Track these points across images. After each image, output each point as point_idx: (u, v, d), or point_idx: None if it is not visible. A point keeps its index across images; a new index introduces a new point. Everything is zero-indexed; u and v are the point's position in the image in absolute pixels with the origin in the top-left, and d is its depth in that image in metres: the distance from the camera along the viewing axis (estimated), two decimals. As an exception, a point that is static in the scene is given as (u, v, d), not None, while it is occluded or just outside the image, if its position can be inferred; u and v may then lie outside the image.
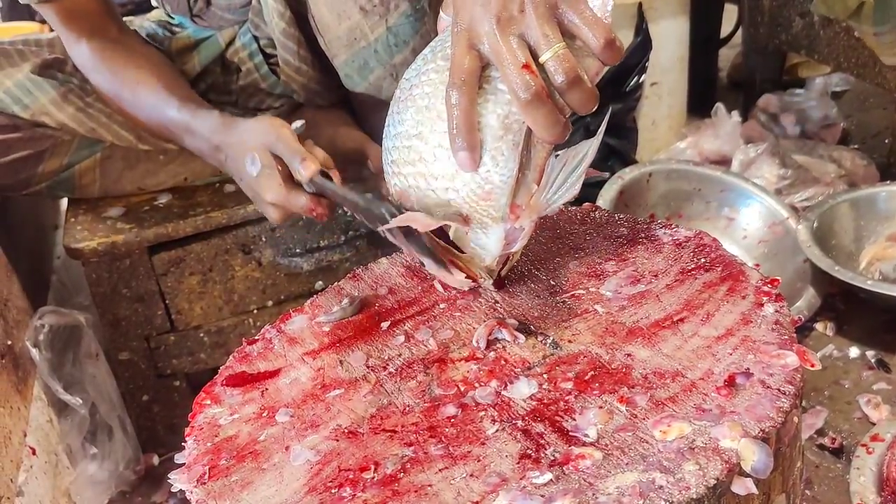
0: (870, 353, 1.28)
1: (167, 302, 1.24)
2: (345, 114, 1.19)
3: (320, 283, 1.27)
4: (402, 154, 0.72)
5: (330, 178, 0.89)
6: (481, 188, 0.68)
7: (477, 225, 0.70)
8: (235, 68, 1.24)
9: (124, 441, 1.27)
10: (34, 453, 1.08)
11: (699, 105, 2.05)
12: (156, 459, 1.30)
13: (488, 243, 0.71)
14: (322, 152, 0.92)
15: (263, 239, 1.24)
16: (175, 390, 1.29)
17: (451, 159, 0.68)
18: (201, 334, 1.26)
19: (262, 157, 0.91)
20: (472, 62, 0.65)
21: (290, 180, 0.90)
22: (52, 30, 2.32)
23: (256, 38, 1.22)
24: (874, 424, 1.12)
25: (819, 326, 1.36)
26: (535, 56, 0.64)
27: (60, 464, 1.18)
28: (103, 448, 1.26)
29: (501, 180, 0.67)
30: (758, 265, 1.49)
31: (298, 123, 1.20)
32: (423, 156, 0.70)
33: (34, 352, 1.17)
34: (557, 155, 0.69)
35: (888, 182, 1.53)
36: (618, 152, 1.68)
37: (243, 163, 0.93)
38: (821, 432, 1.14)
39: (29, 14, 2.38)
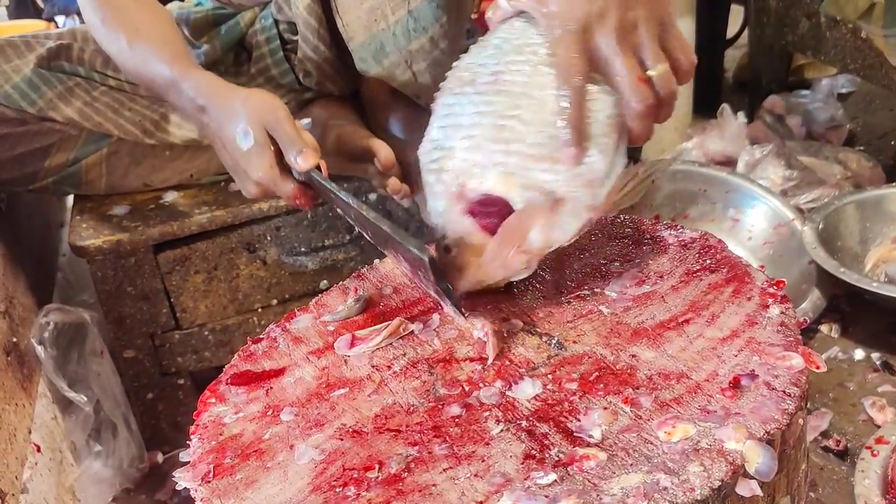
0: (875, 356, 1.28)
1: (172, 300, 1.24)
2: (352, 111, 1.20)
3: (325, 282, 1.27)
4: (492, 132, 0.72)
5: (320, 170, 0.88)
6: (586, 175, 0.70)
7: (567, 209, 0.71)
8: (247, 53, 1.24)
9: (128, 439, 1.27)
10: (39, 450, 1.08)
11: (705, 106, 2.05)
12: (160, 457, 1.31)
13: (566, 231, 0.71)
14: (313, 140, 0.89)
15: (268, 238, 1.24)
16: (179, 388, 1.30)
17: (554, 145, 0.70)
18: (206, 333, 1.27)
19: (256, 132, 0.88)
20: (585, 64, 0.68)
21: (280, 163, 0.88)
22: (57, 26, 2.33)
23: (277, 23, 1.22)
24: (879, 427, 1.11)
25: (824, 328, 1.35)
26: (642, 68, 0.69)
27: (65, 461, 1.18)
28: (108, 445, 1.26)
29: (606, 171, 0.70)
30: (763, 266, 1.48)
31: (306, 121, 1.20)
32: (522, 136, 0.71)
33: (39, 349, 1.17)
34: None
35: (894, 184, 1.53)
36: (623, 153, 1.68)
37: (232, 132, 0.89)
38: (825, 434, 1.14)
39: (35, 12, 2.39)
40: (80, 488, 1.19)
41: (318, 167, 0.87)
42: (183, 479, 0.63)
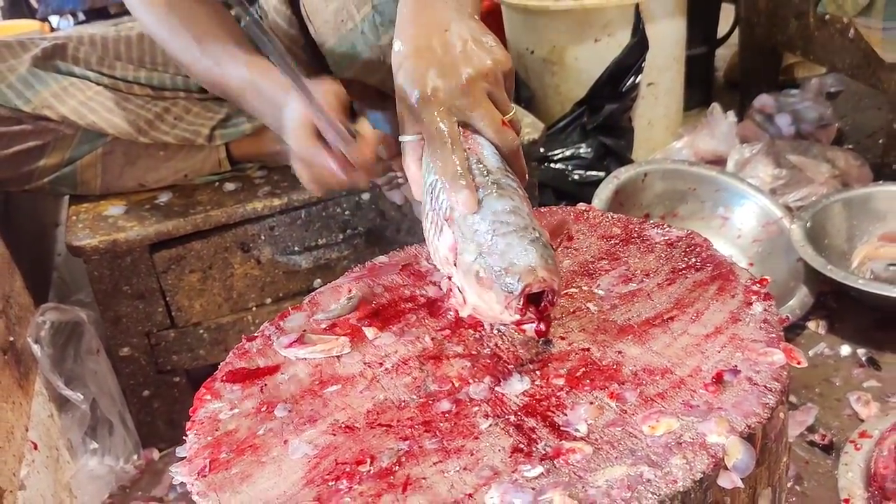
0: (861, 352, 1.30)
1: (167, 299, 1.25)
2: None
3: (318, 280, 1.29)
4: None
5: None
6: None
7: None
8: None
9: (125, 436, 1.28)
10: (36, 448, 1.10)
11: (695, 105, 2.07)
12: (156, 454, 1.32)
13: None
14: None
15: (262, 237, 1.26)
16: (175, 386, 1.31)
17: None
18: (201, 331, 1.28)
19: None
20: (453, 125, 0.73)
21: (323, 141, 0.90)
22: (52, 29, 2.34)
23: (261, 18, 1.23)
24: (863, 421, 1.13)
25: (811, 325, 1.37)
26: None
27: (61, 458, 1.19)
28: (104, 443, 1.27)
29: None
30: (752, 264, 1.51)
31: None
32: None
33: (36, 348, 1.18)
34: None
35: (881, 182, 1.54)
36: (614, 152, 1.70)
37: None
38: (811, 429, 1.16)
39: (29, 12, 2.40)
40: (77, 485, 1.21)
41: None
42: (179, 474, 0.64)
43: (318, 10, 1.04)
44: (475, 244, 0.69)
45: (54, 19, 2.41)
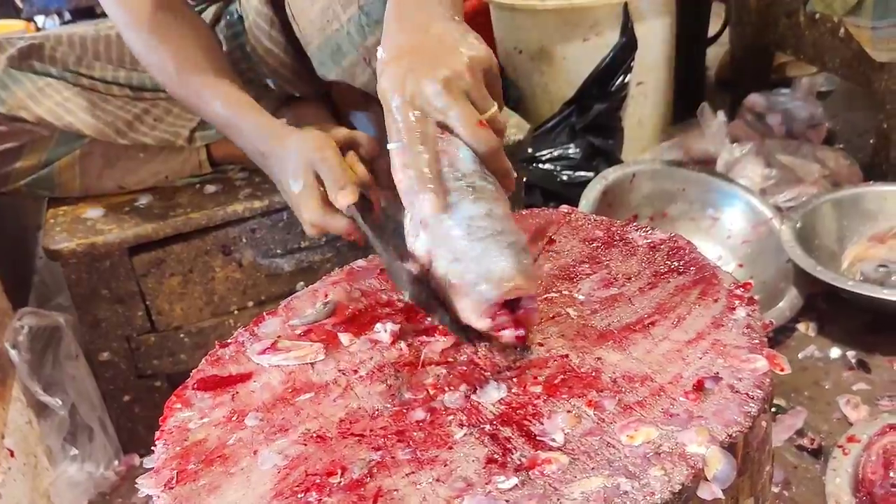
0: (850, 354, 1.28)
1: (147, 303, 1.23)
2: (324, 112, 1.19)
3: (301, 284, 1.27)
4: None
5: (367, 205, 0.94)
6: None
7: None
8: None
9: (105, 442, 1.26)
10: (12, 455, 1.08)
11: (686, 105, 2.05)
12: (137, 460, 1.30)
13: None
14: (363, 170, 0.95)
15: (244, 240, 1.24)
16: (156, 391, 1.29)
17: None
18: (182, 335, 1.26)
19: (304, 175, 0.92)
20: (426, 128, 0.71)
21: (328, 202, 0.91)
22: (38, 29, 2.31)
23: (242, 19, 1.21)
24: (852, 425, 1.12)
25: (801, 327, 1.36)
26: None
27: (40, 465, 1.17)
28: (84, 449, 1.25)
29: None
30: (741, 265, 1.50)
31: None
32: None
33: (13, 353, 1.16)
34: None
35: (872, 182, 1.53)
36: (603, 152, 1.68)
37: (287, 177, 0.95)
38: (800, 433, 1.14)
39: (14, 11, 2.37)
40: (56, 492, 1.19)
41: (364, 196, 0.92)
42: (145, 486, 0.63)
43: (303, 9, 1.02)
44: (448, 250, 0.67)
45: (40, 19, 2.38)
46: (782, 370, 0.64)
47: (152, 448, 0.66)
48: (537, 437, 0.59)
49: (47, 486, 1.17)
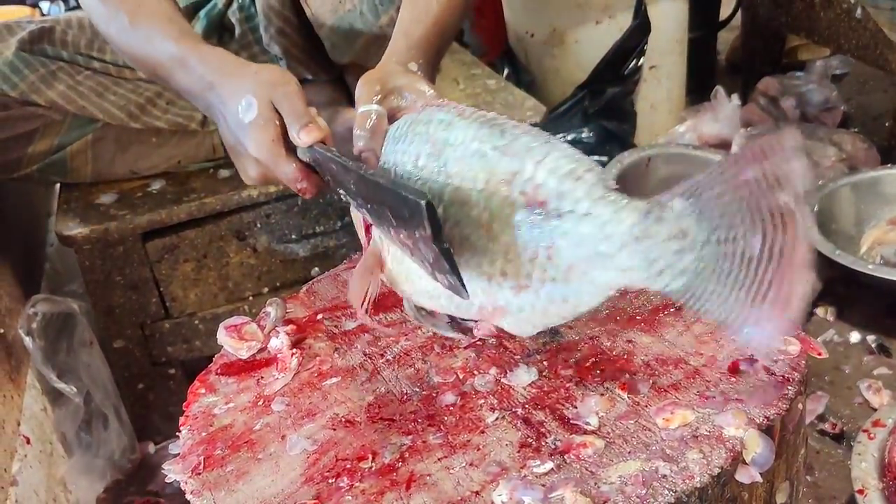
0: (870, 338, 1.27)
1: (161, 289, 1.22)
2: (340, 93, 1.17)
3: (316, 269, 1.26)
4: None
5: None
6: None
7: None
8: (229, 32, 1.21)
9: (119, 429, 1.26)
10: (28, 442, 1.07)
11: (699, 88, 2.03)
12: (151, 448, 1.29)
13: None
14: (325, 125, 0.78)
15: (258, 225, 1.23)
16: (170, 378, 1.28)
17: None
18: (196, 321, 1.25)
19: (261, 105, 0.77)
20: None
21: (284, 140, 0.77)
22: (43, 15, 2.29)
23: (254, 2, 1.19)
24: (875, 410, 1.11)
25: (820, 311, 1.34)
26: None
27: (55, 452, 1.17)
28: (98, 436, 1.25)
29: None
30: (758, 250, 1.48)
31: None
32: None
33: (27, 340, 1.15)
34: None
35: (889, 165, 1.51)
36: (616, 136, 1.66)
37: (236, 106, 0.79)
38: (821, 418, 1.13)
39: (20, -4, 2.35)
40: (71, 480, 1.18)
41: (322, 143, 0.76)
42: (172, 472, 0.62)
43: None
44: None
45: (45, 5, 2.36)
46: (820, 354, 0.63)
47: (175, 434, 0.66)
48: (571, 421, 0.59)
49: (63, 473, 1.17)
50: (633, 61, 1.68)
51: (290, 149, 0.76)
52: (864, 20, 1.55)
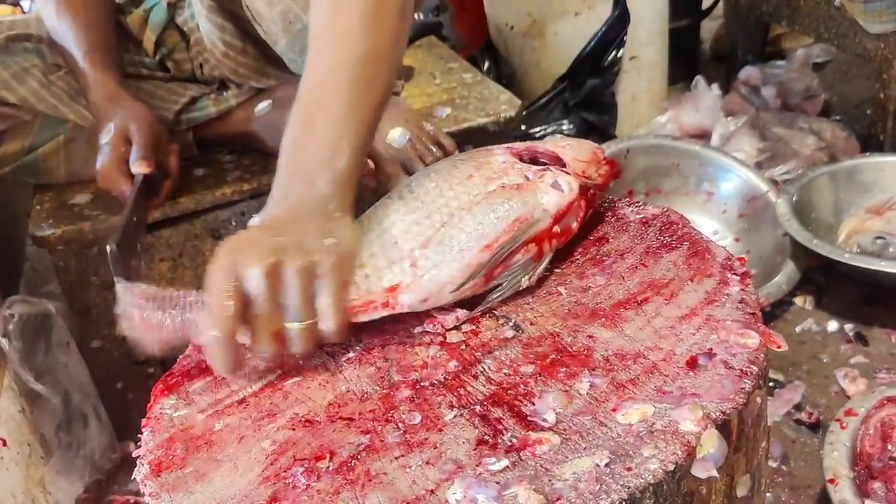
0: (848, 327, 1.27)
1: (138, 288, 1.21)
2: None
3: (293, 266, 1.25)
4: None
5: (152, 191, 1.08)
6: None
7: None
8: (186, 37, 1.22)
9: (99, 430, 1.26)
10: (5, 444, 1.07)
11: (681, 78, 2.03)
12: (132, 447, 1.29)
13: None
14: (176, 165, 1.13)
15: (233, 223, 1.22)
16: (149, 377, 1.28)
17: None
18: (174, 320, 1.24)
19: (115, 133, 1.05)
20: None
21: (124, 164, 1.04)
22: (24, 12, 2.28)
23: (198, 27, 1.20)
24: (850, 398, 1.11)
25: (798, 300, 1.35)
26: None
27: (34, 454, 1.16)
28: (78, 437, 1.25)
29: None
30: (738, 239, 1.48)
31: (265, 103, 1.17)
32: None
33: (3, 342, 1.15)
34: None
35: (868, 153, 1.52)
36: (596, 128, 1.66)
37: (104, 128, 1.07)
38: (798, 407, 1.14)
39: (-1, -5, 2.34)
40: (51, 481, 1.18)
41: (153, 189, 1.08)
42: (138, 475, 0.62)
43: (262, 14, 1.03)
44: None
45: (26, 3, 2.35)
46: (779, 347, 0.63)
47: (139, 435, 0.66)
48: (528, 418, 0.58)
49: (42, 474, 1.17)
50: (613, 52, 1.68)
51: (129, 172, 1.05)
52: (843, 8, 1.55)
